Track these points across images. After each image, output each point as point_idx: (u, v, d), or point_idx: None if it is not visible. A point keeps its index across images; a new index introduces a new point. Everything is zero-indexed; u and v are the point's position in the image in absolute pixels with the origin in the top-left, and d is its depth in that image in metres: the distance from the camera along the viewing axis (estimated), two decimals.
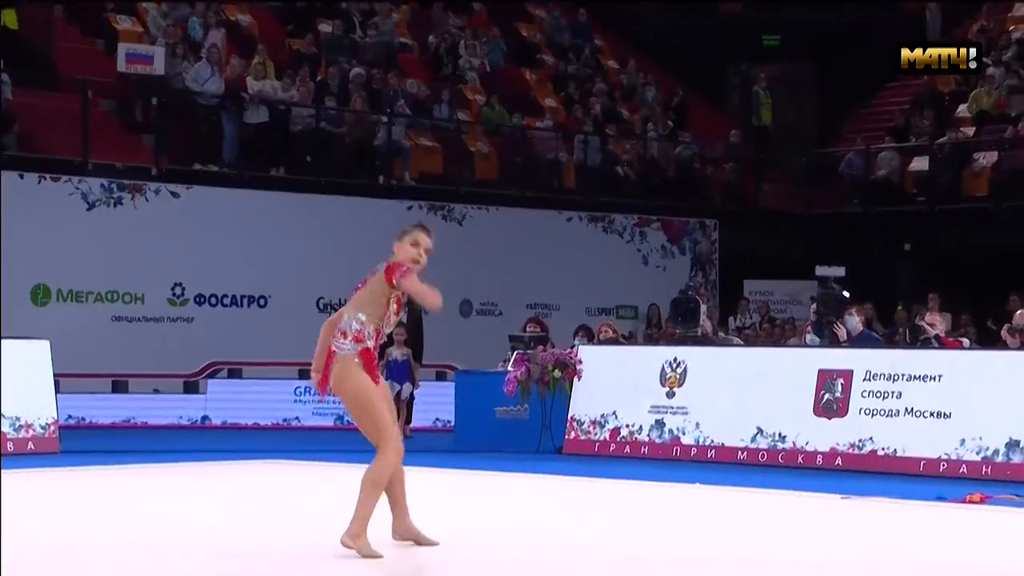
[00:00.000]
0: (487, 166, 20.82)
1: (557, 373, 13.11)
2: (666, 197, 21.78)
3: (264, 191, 18.29)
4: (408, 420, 15.24)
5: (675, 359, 12.78)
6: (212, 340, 17.26)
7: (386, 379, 14.79)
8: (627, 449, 12.71)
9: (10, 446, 12.27)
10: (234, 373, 17.23)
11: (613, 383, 13.01)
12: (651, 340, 17.09)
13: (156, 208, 17.50)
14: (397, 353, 15.01)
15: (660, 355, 13.01)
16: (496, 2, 24.17)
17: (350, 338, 6.28)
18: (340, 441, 14.76)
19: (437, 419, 15.90)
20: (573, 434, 13.06)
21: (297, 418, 16.40)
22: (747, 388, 12.26)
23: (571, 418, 13.09)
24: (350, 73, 20.10)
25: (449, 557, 6.68)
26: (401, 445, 6.28)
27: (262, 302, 18.18)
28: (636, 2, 26.02)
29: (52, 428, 12.63)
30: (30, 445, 12.40)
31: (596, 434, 12.93)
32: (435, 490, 10.04)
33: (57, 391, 13.14)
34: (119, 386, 16.70)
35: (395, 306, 6.36)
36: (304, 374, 17.03)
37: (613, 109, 22.83)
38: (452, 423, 14.65)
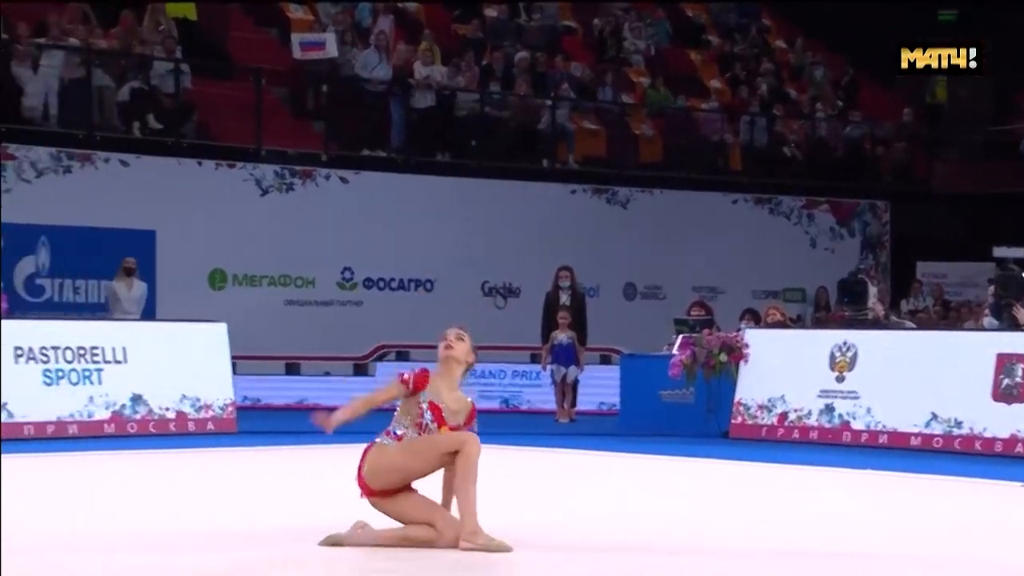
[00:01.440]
0: (651, 148, 20.68)
1: (723, 357, 12.97)
2: (835, 178, 21.36)
3: (430, 176, 18.50)
4: (573, 403, 15.27)
5: (845, 343, 12.54)
6: (380, 323, 17.55)
7: (551, 363, 15.06)
8: (795, 434, 12.52)
9: (191, 426, 12.69)
10: (402, 356, 17.48)
11: (781, 367, 12.81)
12: (820, 323, 16.79)
13: (326, 193, 17.86)
14: (562, 336, 15.03)
15: (829, 338, 12.77)
16: None
17: (392, 438, 6.15)
18: (504, 424, 14.86)
19: (602, 402, 15.88)
20: (740, 418, 12.93)
21: None
22: (921, 372, 11.96)
23: (737, 402, 12.95)
24: (515, 57, 20.18)
25: (607, 538, 6.66)
26: (472, 435, 6.08)
27: (428, 286, 18.41)
28: None
29: (230, 409, 12.99)
30: (209, 425, 12.79)
31: (763, 418, 12.77)
32: (601, 472, 10.04)
33: (234, 373, 13.48)
34: (292, 368, 17.09)
35: (430, 413, 6.12)
36: None
37: (780, 89, 22.47)
38: (617, 406, 14.62)
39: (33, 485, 8.80)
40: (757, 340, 13.13)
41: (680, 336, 13.62)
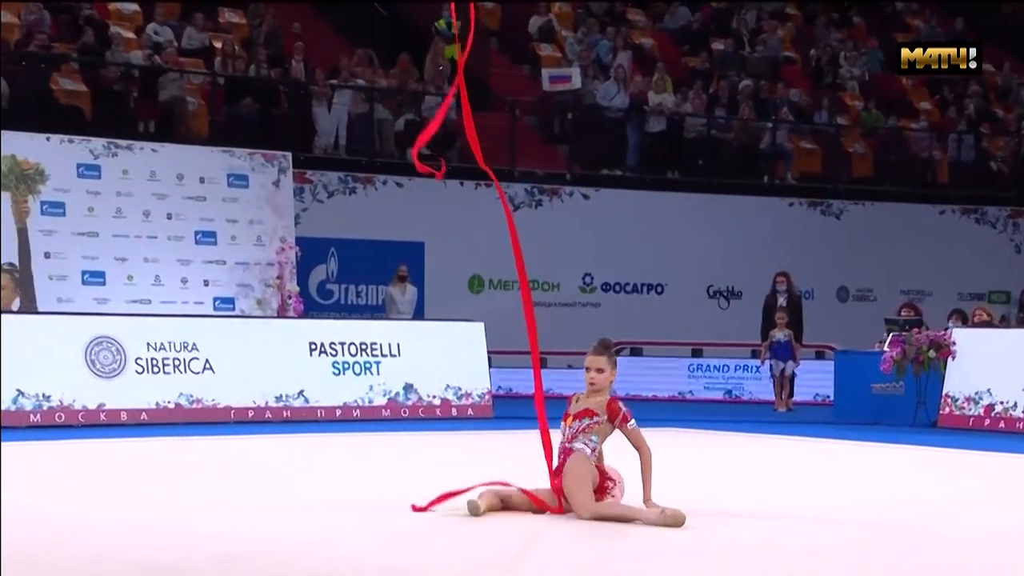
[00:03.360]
0: (863, 165, 20.09)
1: (932, 353, 12.46)
2: None
3: (661, 192, 18.41)
4: (790, 394, 14.93)
5: None
6: (616, 322, 17.50)
7: (770, 358, 14.75)
8: (1001, 424, 11.89)
9: (454, 411, 12.92)
10: (635, 351, 17.42)
11: (987, 363, 12.19)
12: None
13: (570, 208, 17.96)
14: (780, 334, 14.71)
15: None
16: (875, 15, 23.22)
17: (590, 449, 5.89)
18: (729, 412, 14.64)
19: (817, 394, 15.48)
20: (948, 409, 12.36)
21: (691, 391, 16.38)
22: None
23: (945, 395, 12.39)
24: (739, 85, 19.89)
25: (819, 516, 6.44)
26: (591, 514, 5.68)
27: (659, 289, 18.30)
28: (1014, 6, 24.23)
29: (487, 397, 13.17)
30: (469, 411, 12.99)
31: (970, 410, 12.17)
32: (816, 458, 9.74)
33: (490, 365, 13.65)
34: (539, 362, 17.19)
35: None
36: (696, 353, 17.05)
37: (987, 109, 21.43)
38: (831, 398, 14.21)
39: (320, 459, 9.11)
40: (964, 338, 12.54)
41: (891, 334, 13.16)
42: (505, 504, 5.92)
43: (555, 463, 6.01)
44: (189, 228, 14.07)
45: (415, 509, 5.89)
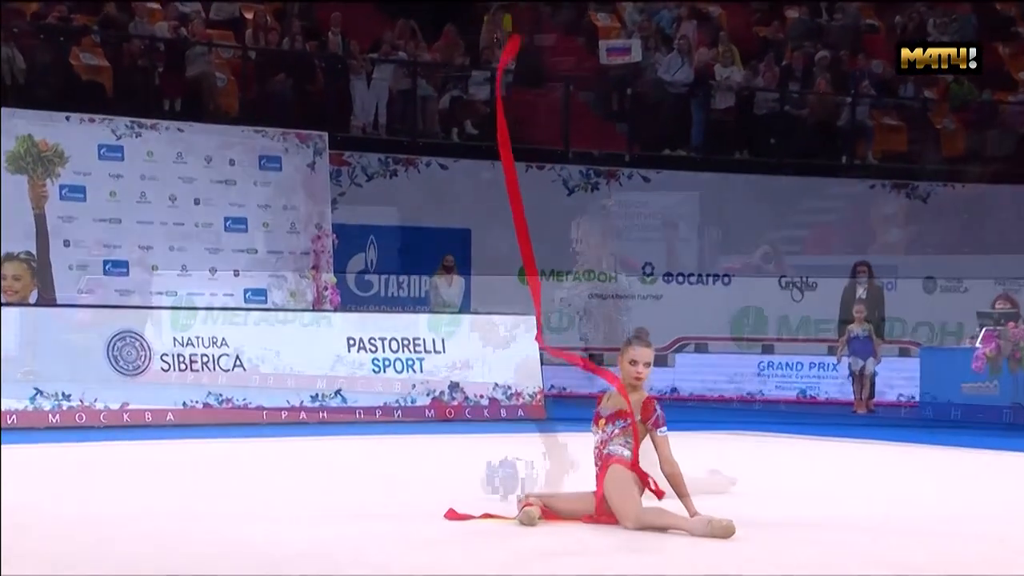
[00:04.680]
0: (953, 142, 19.84)
1: None
2: None
3: (729, 174, 18.32)
4: (871, 395, 14.81)
5: None
6: (679, 316, 17.45)
7: (848, 355, 14.64)
8: None
9: (503, 412, 12.95)
10: (700, 348, 17.36)
11: None
12: None
13: (629, 192, 17.92)
14: (859, 329, 14.60)
15: None
16: None
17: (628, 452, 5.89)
18: (803, 414, 14.55)
19: (900, 394, 15.36)
20: None
21: (761, 391, 16.30)
22: None
23: None
24: (815, 56, 19.73)
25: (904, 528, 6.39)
26: (635, 524, 5.71)
27: (726, 279, 18.20)
28: None
29: (539, 397, 13.19)
30: (520, 412, 13.01)
31: None
32: (898, 464, 9.66)
33: (542, 363, 13.66)
34: (595, 359, 17.18)
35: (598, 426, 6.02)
36: (767, 349, 16.96)
37: None
38: (916, 398, 14.09)
39: (358, 464, 9.16)
40: None
41: (984, 329, 13.02)
42: (548, 512, 5.95)
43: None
44: (218, 214, 14.20)
45: (449, 516, 5.98)
